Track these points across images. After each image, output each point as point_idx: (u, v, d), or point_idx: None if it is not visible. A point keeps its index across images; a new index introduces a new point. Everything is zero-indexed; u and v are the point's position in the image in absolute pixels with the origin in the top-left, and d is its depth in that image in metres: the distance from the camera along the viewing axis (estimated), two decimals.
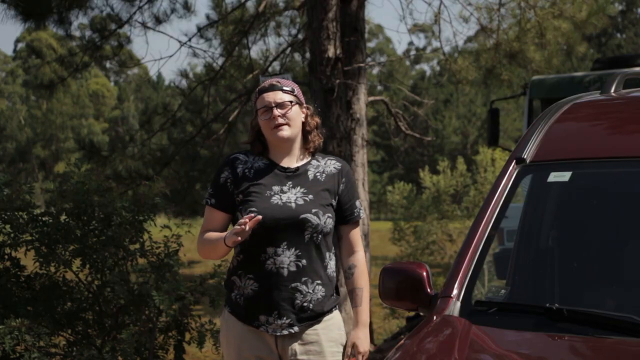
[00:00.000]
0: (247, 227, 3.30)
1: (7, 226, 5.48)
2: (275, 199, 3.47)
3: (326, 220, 3.49)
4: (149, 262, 5.57)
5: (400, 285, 3.08)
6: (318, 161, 3.61)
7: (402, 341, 2.91)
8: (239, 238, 3.34)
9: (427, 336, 2.84)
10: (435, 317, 2.92)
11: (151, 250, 5.61)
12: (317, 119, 3.62)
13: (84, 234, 5.51)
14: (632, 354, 2.58)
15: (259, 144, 3.59)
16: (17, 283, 5.57)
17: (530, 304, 2.95)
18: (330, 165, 3.61)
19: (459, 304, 2.94)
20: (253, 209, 3.44)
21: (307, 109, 3.60)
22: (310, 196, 3.50)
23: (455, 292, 2.96)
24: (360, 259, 3.65)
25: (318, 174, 3.57)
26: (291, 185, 3.52)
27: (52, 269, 5.57)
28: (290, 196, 3.49)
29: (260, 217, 3.32)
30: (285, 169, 3.55)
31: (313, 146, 3.60)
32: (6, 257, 5.51)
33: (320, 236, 3.49)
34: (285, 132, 3.50)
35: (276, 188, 3.50)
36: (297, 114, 3.53)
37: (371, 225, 9.36)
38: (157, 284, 5.37)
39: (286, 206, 3.46)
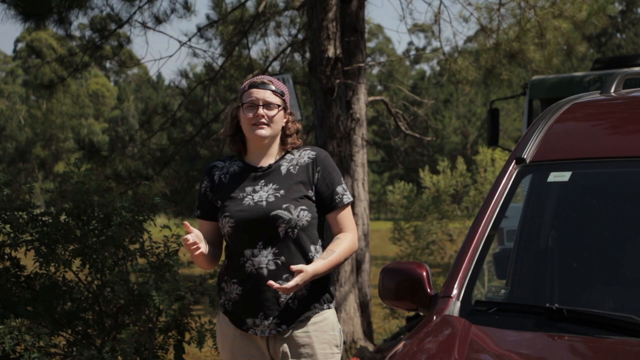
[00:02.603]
0: (190, 240, 3.34)
1: (7, 226, 5.49)
2: (247, 200, 3.48)
3: (299, 214, 3.45)
4: (148, 262, 5.57)
5: (400, 285, 3.07)
6: (293, 154, 3.59)
7: (402, 341, 2.91)
8: (193, 250, 3.37)
9: (427, 336, 2.84)
10: (435, 317, 2.92)
11: (151, 250, 5.61)
12: (298, 125, 3.62)
13: (83, 234, 5.51)
14: (632, 354, 2.58)
15: (239, 141, 3.58)
16: (17, 283, 5.57)
17: (530, 304, 2.95)
18: (305, 155, 3.57)
19: (459, 304, 2.94)
20: (226, 213, 3.48)
21: (291, 114, 3.61)
22: (282, 191, 3.48)
23: (455, 292, 2.96)
24: (346, 235, 3.52)
25: (291, 167, 3.55)
26: (263, 184, 3.51)
27: (52, 269, 5.57)
28: (262, 194, 3.49)
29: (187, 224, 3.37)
30: (257, 169, 3.55)
31: (292, 147, 3.59)
32: (6, 257, 5.52)
33: (296, 230, 3.45)
34: (265, 131, 3.49)
35: (249, 189, 3.51)
36: (280, 118, 3.53)
37: (371, 225, 9.35)
38: (157, 284, 5.37)
39: (257, 205, 3.46)
